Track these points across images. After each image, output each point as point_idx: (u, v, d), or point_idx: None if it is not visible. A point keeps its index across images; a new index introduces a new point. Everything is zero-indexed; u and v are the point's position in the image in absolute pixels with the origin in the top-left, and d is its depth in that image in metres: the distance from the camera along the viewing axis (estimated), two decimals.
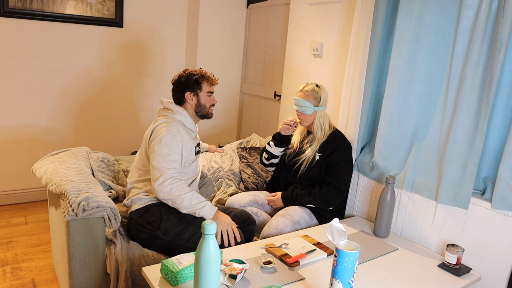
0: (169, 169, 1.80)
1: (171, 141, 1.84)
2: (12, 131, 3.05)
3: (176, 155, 1.84)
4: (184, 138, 1.91)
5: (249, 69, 3.72)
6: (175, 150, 1.84)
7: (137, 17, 3.33)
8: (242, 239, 1.84)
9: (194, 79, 1.96)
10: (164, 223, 1.83)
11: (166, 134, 1.84)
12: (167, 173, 1.79)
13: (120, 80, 3.39)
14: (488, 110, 1.63)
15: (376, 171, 2.10)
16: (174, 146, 1.84)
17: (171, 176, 1.79)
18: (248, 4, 3.58)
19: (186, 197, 1.79)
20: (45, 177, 1.86)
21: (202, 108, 2.00)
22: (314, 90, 2.05)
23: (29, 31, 2.94)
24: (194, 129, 2.02)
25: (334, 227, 1.37)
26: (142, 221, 1.85)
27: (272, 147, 2.22)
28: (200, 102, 1.99)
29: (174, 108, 1.97)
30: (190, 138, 1.96)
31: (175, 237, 1.80)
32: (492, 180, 1.71)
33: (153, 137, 1.89)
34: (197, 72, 1.99)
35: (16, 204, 3.18)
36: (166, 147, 1.82)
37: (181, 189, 1.79)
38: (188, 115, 1.98)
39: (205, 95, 2.00)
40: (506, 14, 1.55)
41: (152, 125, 1.95)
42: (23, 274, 2.25)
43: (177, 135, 1.86)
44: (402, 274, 1.58)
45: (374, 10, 2.01)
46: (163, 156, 1.81)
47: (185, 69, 2.02)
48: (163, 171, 1.79)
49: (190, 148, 1.95)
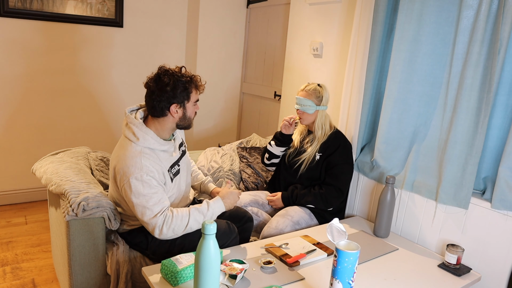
0: (157, 216, 1.54)
1: (142, 185, 1.53)
2: (12, 131, 3.05)
3: (155, 193, 1.56)
4: (155, 167, 1.58)
5: (249, 69, 3.72)
6: (152, 189, 1.55)
7: (137, 17, 3.33)
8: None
9: (182, 87, 1.59)
10: (151, 243, 1.71)
11: (133, 180, 1.53)
12: (158, 221, 1.54)
13: (120, 80, 3.39)
14: (488, 110, 1.63)
15: (376, 171, 2.10)
16: (148, 188, 1.54)
17: (163, 220, 1.55)
18: (248, 4, 3.58)
19: (192, 225, 1.61)
20: (45, 177, 1.86)
21: (186, 121, 1.67)
22: (316, 89, 2.05)
23: (29, 31, 2.94)
24: (169, 146, 1.67)
25: (334, 227, 1.37)
26: (129, 242, 1.79)
27: (273, 147, 2.22)
28: (186, 115, 1.65)
29: (136, 131, 1.58)
30: (163, 161, 1.64)
31: (166, 255, 1.67)
32: (492, 180, 1.71)
33: (119, 181, 1.58)
34: (184, 75, 1.61)
35: (16, 204, 3.18)
36: (140, 195, 1.53)
37: (181, 223, 1.58)
38: (157, 136, 1.62)
39: (192, 106, 1.66)
40: (506, 14, 1.55)
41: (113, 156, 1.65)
42: (23, 274, 2.25)
43: (144, 173, 1.53)
44: (402, 274, 1.58)
45: (374, 10, 2.01)
46: (144, 206, 1.54)
47: (165, 69, 1.62)
48: (153, 223, 1.54)
49: (163, 174, 1.63)
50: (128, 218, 1.75)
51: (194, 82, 1.64)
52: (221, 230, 1.68)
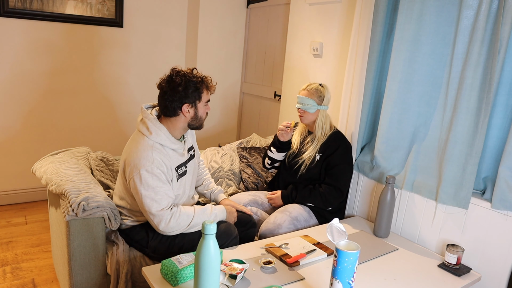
0: (164, 209, 1.60)
1: (152, 178, 1.59)
2: (12, 131, 3.05)
3: (163, 187, 1.61)
4: (165, 162, 1.64)
5: (249, 69, 3.72)
6: (161, 183, 1.61)
7: (137, 17, 3.33)
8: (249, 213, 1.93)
9: (194, 88, 1.64)
10: (152, 241, 1.73)
11: (143, 172, 1.58)
12: (165, 215, 1.60)
13: (120, 80, 3.39)
14: (488, 110, 1.63)
15: (376, 171, 2.10)
16: (157, 180, 1.60)
17: (170, 214, 1.61)
18: (248, 4, 3.58)
19: (195, 222, 1.66)
20: (45, 177, 1.86)
21: (198, 121, 1.71)
22: (318, 89, 2.05)
23: (29, 31, 2.94)
24: (179, 145, 1.72)
25: (334, 227, 1.37)
26: (130, 240, 1.79)
27: (274, 153, 2.23)
28: (198, 115, 1.69)
29: (150, 126, 1.64)
30: (172, 159, 1.69)
31: (165, 253, 1.70)
32: (492, 180, 1.71)
33: (128, 173, 1.63)
34: (195, 76, 1.65)
35: (16, 204, 3.18)
36: (150, 187, 1.59)
37: (186, 219, 1.64)
38: (169, 134, 1.67)
39: (203, 106, 1.70)
40: (506, 14, 1.55)
41: (125, 149, 1.70)
42: (23, 274, 2.25)
43: (155, 166, 1.59)
44: (402, 274, 1.58)
45: (374, 10, 2.01)
46: (152, 199, 1.59)
47: (177, 71, 1.67)
48: (160, 216, 1.60)
49: (171, 170, 1.68)
50: (132, 214, 1.77)
51: (205, 83, 1.69)
52: (221, 230, 1.70)
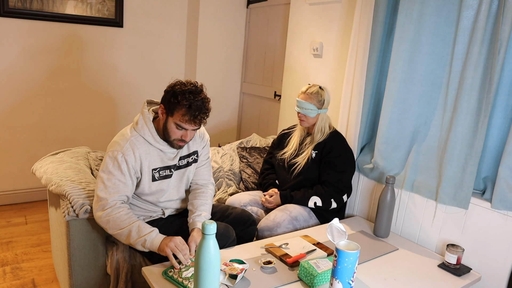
0: (108, 200, 1.54)
1: (112, 163, 1.55)
2: (12, 131, 3.05)
3: (119, 177, 1.56)
4: (136, 156, 1.59)
5: (249, 69, 3.72)
6: (118, 172, 1.55)
7: (137, 17, 3.33)
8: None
9: (175, 100, 1.53)
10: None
11: (110, 153, 1.57)
12: (106, 205, 1.54)
13: (120, 80, 3.39)
14: (488, 110, 1.63)
15: (376, 171, 2.10)
16: (116, 169, 1.55)
17: (110, 205, 1.54)
18: (248, 4, 3.58)
19: (122, 234, 1.53)
20: (45, 177, 1.86)
21: (165, 133, 1.62)
22: (318, 92, 2.03)
23: (29, 31, 2.94)
24: (165, 147, 1.65)
25: (334, 227, 1.37)
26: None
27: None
28: (166, 126, 1.60)
29: (140, 119, 1.63)
30: (154, 158, 1.64)
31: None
32: (492, 180, 1.72)
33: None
34: (186, 96, 1.52)
35: (16, 204, 3.18)
36: (106, 171, 1.56)
37: (118, 223, 1.53)
38: (155, 132, 1.63)
39: (173, 125, 1.58)
40: (506, 14, 1.55)
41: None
42: (23, 274, 2.25)
43: (121, 154, 1.55)
44: (402, 274, 1.58)
45: (374, 10, 2.01)
46: (102, 181, 1.55)
47: (185, 81, 1.59)
48: (100, 203, 1.55)
49: (147, 168, 1.62)
50: (133, 207, 1.72)
51: (186, 106, 1.52)
52: (219, 232, 1.64)
